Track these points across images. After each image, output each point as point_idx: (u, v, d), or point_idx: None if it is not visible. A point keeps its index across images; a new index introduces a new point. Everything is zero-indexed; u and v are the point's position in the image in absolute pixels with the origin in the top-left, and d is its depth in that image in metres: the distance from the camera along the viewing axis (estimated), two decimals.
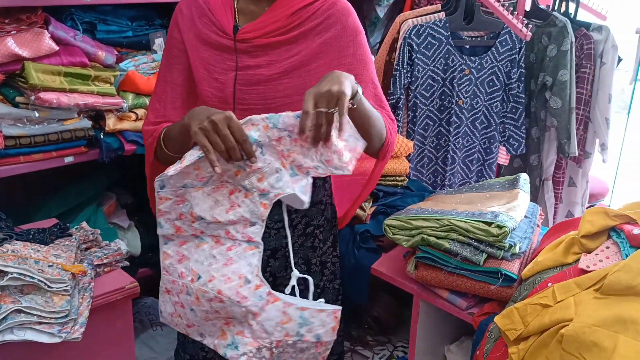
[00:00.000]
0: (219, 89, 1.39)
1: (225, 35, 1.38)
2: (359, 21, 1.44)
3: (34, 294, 1.40)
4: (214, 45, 1.40)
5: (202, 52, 1.40)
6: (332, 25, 1.39)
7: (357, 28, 1.42)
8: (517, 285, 1.50)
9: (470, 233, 1.53)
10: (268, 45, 1.38)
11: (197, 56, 1.40)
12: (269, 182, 1.21)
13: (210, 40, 1.39)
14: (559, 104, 2.38)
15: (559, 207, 2.67)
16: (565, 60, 2.34)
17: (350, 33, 1.40)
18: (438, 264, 1.60)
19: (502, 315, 1.31)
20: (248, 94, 1.38)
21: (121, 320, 1.61)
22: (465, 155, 2.48)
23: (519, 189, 1.72)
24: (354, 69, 1.40)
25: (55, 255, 1.50)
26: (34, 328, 1.36)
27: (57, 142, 1.86)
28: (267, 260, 1.50)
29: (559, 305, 1.22)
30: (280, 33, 1.37)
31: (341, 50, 1.40)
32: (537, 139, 2.55)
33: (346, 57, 1.40)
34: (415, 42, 2.32)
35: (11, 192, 2.13)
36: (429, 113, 2.43)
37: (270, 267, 1.51)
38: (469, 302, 1.60)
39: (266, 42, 1.37)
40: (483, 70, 2.36)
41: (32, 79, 1.73)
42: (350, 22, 1.40)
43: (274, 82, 1.37)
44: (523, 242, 1.56)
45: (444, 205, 1.73)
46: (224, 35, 1.38)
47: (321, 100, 1.15)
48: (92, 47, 1.95)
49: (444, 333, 1.83)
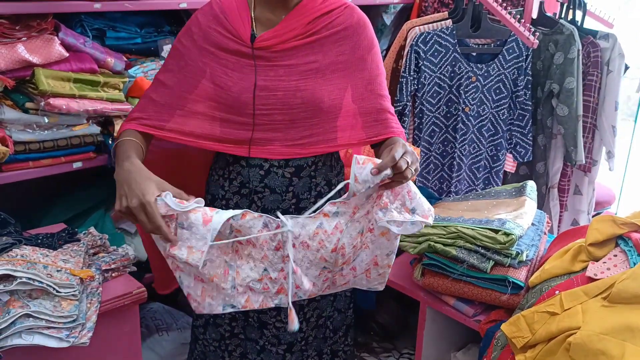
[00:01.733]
0: (238, 94, 1.39)
1: (243, 44, 1.39)
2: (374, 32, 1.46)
3: (43, 298, 1.40)
4: (232, 53, 1.40)
5: (221, 59, 1.40)
6: (349, 37, 1.41)
7: (373, 41, 1.45)
8: (524, 292, 1.50)
9: (477, 240, 1.53)
10: (286, 50, 1.39)
11: (217, 63, 1.40)
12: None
13: (228, 48, 1.40)
14: (565, 111, 2.38)
15: (564, 215, 2.66)
16: (572, 68, 2.34)
17: (367, 45, 1.43)
18: (445, 271, 1.60)
19: (509, 323, 1.31)
20: (267, 99, 1.38)
21: (128, 325, 1.61)
22: (472, 162, 2.48)
23: (526, 197, 1.72)
24: (371, 83, 1.44)
25: (64, 260, 1.50)
26: (42, 332, 1.36)
27: (66, 148, 1.87)
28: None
29: (567, 313, 1.21)
30: (298, 39, 1.39)
31: (358, 63, 1.43)
32: (543, 146, 2.55)
33: (363, 70, 1.43)
34: (422, 50, 2.33)
35: (20, 197, 2.14)
36: (436, 120, 2.43)
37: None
38: (476, 310, 1.60)
39: (284, 48, 1.39)
40: (490, 77, 2.37)
41: (42, 85, 1.74)
42: (367, 34, 1.44)
43: (293, 87, 1.39)
44: (530, 249, 1.56)
45: (451, 212, 1.73)
46: (242, 43, 1.39)
47: (406, 157, 1.21)
48: (102, 53, 1.96)
49: (450, 340, 1.82)
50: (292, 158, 1.42)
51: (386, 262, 1.35)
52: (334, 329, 1.65)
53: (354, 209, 1.31)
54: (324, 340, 1.64)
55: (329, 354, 1.66)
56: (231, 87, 1.39)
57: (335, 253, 1.31)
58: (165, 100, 1.42)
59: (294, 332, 1.39)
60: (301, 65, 1.39)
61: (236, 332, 1.59)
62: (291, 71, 1.39)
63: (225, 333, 1.60)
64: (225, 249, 1.29)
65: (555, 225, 2.63)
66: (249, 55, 1.39)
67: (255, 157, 1.42)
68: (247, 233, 1.28)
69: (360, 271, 1.37)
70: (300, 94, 1.38)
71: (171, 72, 1.43)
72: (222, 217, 1.22)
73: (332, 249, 1.31)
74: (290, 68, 1.39)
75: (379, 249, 1.33)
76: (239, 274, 1.31)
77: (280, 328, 1.55)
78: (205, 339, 1.62)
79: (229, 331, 1.59)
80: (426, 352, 1.77)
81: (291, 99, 1.38)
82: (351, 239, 1.31)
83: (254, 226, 1.28)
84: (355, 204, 1.30)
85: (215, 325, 1.60)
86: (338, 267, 1.34)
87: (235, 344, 1.60)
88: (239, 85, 1.39)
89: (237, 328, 1.59)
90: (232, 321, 1.58)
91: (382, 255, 1.33)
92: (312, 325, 1.59)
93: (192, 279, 1.29)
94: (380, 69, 1.46)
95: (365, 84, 1.43)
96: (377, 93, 1.44)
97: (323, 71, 1.40)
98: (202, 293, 1.31)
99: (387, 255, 1.34)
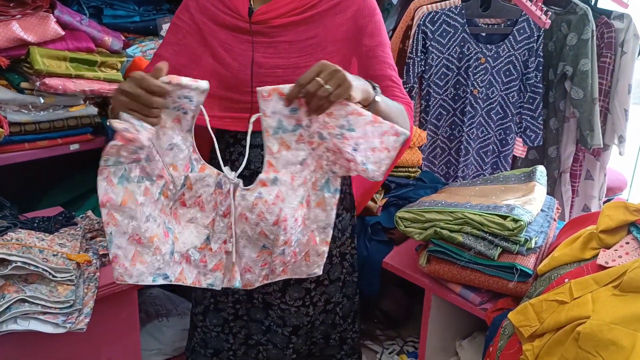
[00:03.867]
0: (237, 70, 1.38)
1: (240, 18, 1.38)
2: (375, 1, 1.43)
3: (39, 283, 1.40)
4: (229, 28, 1.39)
5: (219, 35, 1.40)
6: (349, 6, 1.38)
7: (374, 8, 1.42)
8: (532, 280, 1.49)
9: (484, 226, 1.52)
10: (284, 25, 1.37)
11: (215, 38, 1.40)
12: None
13: (226, 23, 1.39)
14: (580, 94, 2.35)
15: (575, 200, 2.65)
16: (586, 49, 2.31)
17: (368, 13, 1.40)
18: (451, 257, 1.59)
19: (517, 312, 1.30)
20: (266, 77, 1.37)
21: (127, 311, 1.61)
22: (480, 147, 2.46)
23: (535, 182, 1.70)
24: (373, 50, 1.40)
25: (60, 244, 1.50)
26: (38, 318, 1.37)
27: (62, 129, 1.86)
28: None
29: (576, 302, 1.20)
30: (296, 13, 1.37)
31: (360, 31, 1.39)
32: (555, 130, 2.52)
33: (365, 37, 1.39)
34: (430, 30, 2.30)
35: (16, 180, 2.14)
36: (443, 102, 2.41)
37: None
38: (482, 298, 1.59)
39: (282, 23, 1.37)
40: (500, 58, 2.34)
41: (37, 64, 1.72)
42: (367, 2, 1.40)
43: (293, 64, 1.37)
44: (539, 236, 1.55)
45: (458, 197, 1.71)
46: (239, 17, 1.38)
47: (321, 75, 1.11)
48: (99, 32, 1.94)
49: (455, 328, 1.82)
50: None
51: (323, 238, 1.29)
52: (344, 316, 1.65)
53: (292, 177, 1.24)
54: (333, 327, 1.64)
55: (337, 340, 1.67)
56: (230, 64, 1.38)
57: (277, 226, 1.23)
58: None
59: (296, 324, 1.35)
60: (301, 41, 1.37)
61: (240, 314, 1.60)
62: (290, 48, 1.37)
63: (229, 317, 1.60)
64: (165, 209, 1.21)
65: (567, 211, 2.62)
66: (247, 31, 1.38)
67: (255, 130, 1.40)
68: (197, 191, 1.23)
69: (300, 255, 1.30)
70: (300, 71, 1.36)
71: (169, 45, 1.43)
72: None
73: (274, 222, 1.23)
74: (290, 44, 1.37)
75: (315, 223, 1.27)
76: (178, 239, 1.24)
77: (285, 310, 1.55)
78: (205, 326, 1.62)
79: (233, 314, 1.60)
80: (431, 340, 1.76)
81: (291, 76, 1.36)
82: (292, 210, 1.24)
83: (209, 184, 1.23)
84: (291, 173, 1.23)
85: (216, 310, 1.60)
86: (279, 248, 1.26)
87: (240, 325, 1.61)
88: (237, 62, 1.38)
89: (242, 310, 1.59)
90: (235, 303, 1.59)
91: (318, 229, 1.27)
92: (319, 310, 1.59)
93: (125, 239, 1.14)
94: (384, 36, 1.42)
95: (368, 52, 1.40)
96: (382, 60, 1.40)
97: (324, 45, 1.38)
98: (133, 257, 1.16)
99: (324, 229, 1.28)
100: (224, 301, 1.58)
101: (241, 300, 1.58)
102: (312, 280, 1.54)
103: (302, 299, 1.55)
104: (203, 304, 1.61)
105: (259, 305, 1.56)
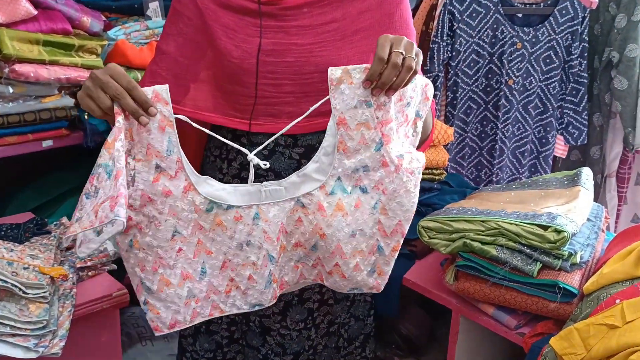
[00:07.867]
0: (240, 59, 1.38)
1: None
2: None
3: (7, 300, 1.41)
4: (234, 9, 1.39)
5: (222, 18, 1.39)
6: None
7: None
8: (577, 301, 1.49)
9: (522, 238, 1.52)
10: (299, 7, 1.37)
11: (218, 23, 1.39)
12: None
13: (231, 4, 1.39)
14: (624, 84, 2.35)
15: (622, 208, 2.64)
16: (635, 33, 2.31)
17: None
18: (482, 274, 1.59)
19: (560, 337, 1.30)
20: (275, 65, 1.37)
21: (107, 333, 1.62)
22: (516, 146, 2.46)
23: (580, 187, 1.70)
24: None
25: (32, 255, 1.51)
26: (6, 341, 1.37)
27: (34, 123, 1.88)
28: None
29: (629, 327, 1.20)
30: None
31: (384, 20, 1.40)
32: (599, 127, 2.53)
33: (390, 29, 1.40)
34: (458, 10, 2.30)
35: None
36: (473, 95, 2.41)
37: None
38: (519, 321, 1.59)
39: (297, 3, 1.37)
40: (538, 44, 2.34)
41: (7, 48, 1.74)
42: None
43: (307, 52, 1.37)
44: (585, 250, 1.55)
45: (491, 204, 1.72)
46: None
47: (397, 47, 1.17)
48: (76, 11, 1.95)
49: (487, 356, 1.82)
50: (302, 134, 1.41)
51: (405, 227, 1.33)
52: (349, 338, 1.65)
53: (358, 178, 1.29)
54: (336, 350, 1.64)
55: None
56: (232, 51, 1.38)
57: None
58: (175, 72, 1.41)
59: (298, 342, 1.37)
60: (317, 26, 1.37)
61: (236, 337, 1.60)
62: (305, 33, 1.37)
63: (223, 340, 1.60)
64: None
65: (613, 221, 2.62)
66: (255, 12, 1.38)
67: (257, 132, 1.41)
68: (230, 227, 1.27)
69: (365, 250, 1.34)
70: (315, 60, 1.36)
71: (171, 36, 1.43)
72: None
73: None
74: (304, 29, 1.37)
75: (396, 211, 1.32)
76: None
77: (285, 335, 1.55)
78: (195, 351, 1.63)
79: (227, 337, 1.60)
80: None
81: (303, 66, 1.36)
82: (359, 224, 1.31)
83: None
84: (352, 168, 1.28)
85: (208, 333, 1.60)
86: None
87: (235, 350, 1.61)
88: (240, 49, 1.38)
89: (237, 333, 1.59)
90: (230, 325, 1.59)
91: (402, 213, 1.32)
92: (322, 333, 1.59)
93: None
94: (410, 27, 1.44)
95: None
96: None
97: (343, 32, 1.38)
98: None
99: (406, 211, 1.33)
100: (217, 322, 1.58)
101: (237, 322, 1.58)
102: (316, 300, 1.54)
103: (304, 321, 1.55)
104: (193, 326, 1.61)
105: (255, 329, 1.56)
